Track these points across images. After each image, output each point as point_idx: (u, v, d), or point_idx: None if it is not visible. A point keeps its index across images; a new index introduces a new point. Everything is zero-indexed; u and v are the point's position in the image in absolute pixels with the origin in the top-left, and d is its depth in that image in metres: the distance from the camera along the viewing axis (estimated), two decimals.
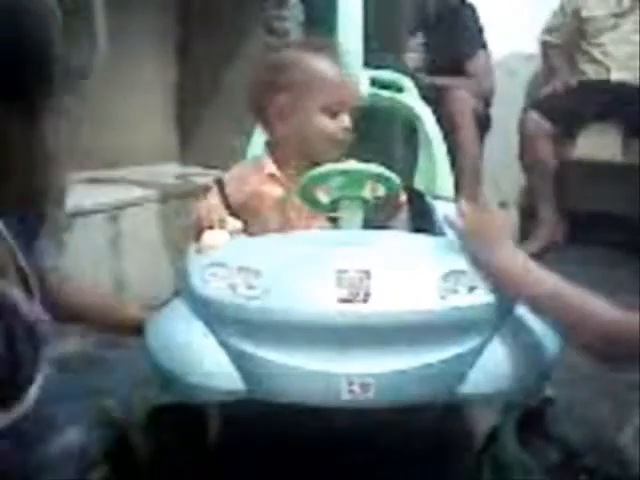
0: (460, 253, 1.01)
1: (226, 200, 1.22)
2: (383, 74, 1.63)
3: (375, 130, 1.71)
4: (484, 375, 0.95)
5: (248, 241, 1.12)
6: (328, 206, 1.14)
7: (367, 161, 1.14)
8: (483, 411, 1.14)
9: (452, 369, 0.94)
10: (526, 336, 0.99)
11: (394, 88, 1.63)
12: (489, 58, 3.02)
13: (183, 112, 2.68)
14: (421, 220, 1.35)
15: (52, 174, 0.84)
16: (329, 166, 1.12)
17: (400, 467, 1.16)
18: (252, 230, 1.19)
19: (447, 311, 0.94)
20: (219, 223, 1.14)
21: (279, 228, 1.18)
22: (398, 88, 1.63)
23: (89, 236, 1.95)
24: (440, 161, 1.53)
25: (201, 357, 0.97)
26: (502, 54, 3.13)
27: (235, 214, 1.21)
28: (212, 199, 1.24)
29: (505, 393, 0.96)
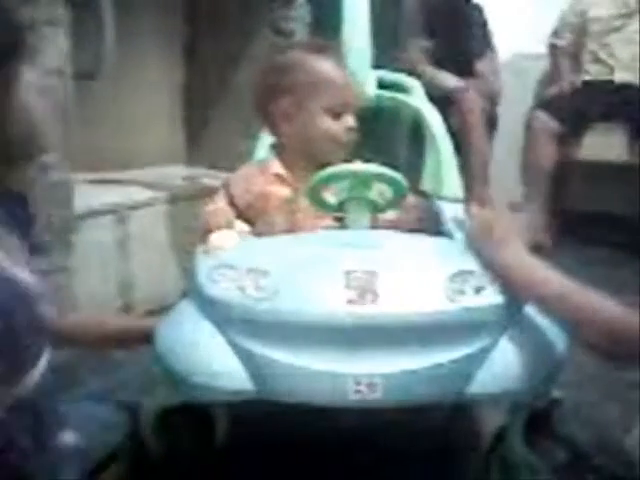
0: (467, 254, 1.01)
1: (233, 201, 1.23)
2: (390, 75, 1.63)
3: (382, 131, 1.72)
4: (492, 375, 0.95)
5: (256, 242, 1.12)
6: (335, 207, 1.15)
7: (373, 162, 1.15)
8: (490, 411, 1.14)
9: (460, 369, 0.94)
10: (534, 337, 0.98)
11: (401, 89, 1.63)
12: (496, 58, 3.02)
13: (190, 113, 2.69)
14: (428, 221, 1.35)
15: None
16: (337, 167, 1.12)
17: (407, 467, 1.16)
18: (259, 231, 1.20)
19: (454, 312, 0.94)
20: (227, 225, 1.15)
21: (286, 229, 1.19)
22: (404, 89, 1.63)
23: (97, 237, 1.96)
24: (447, 162, 1.53)
25: (209, 357, 0.97)
26: (508, 54, 3.13)
27: (242, 215, 1.22)
28: (219, 201, 1.24)
29: (513, 393, 0.96)
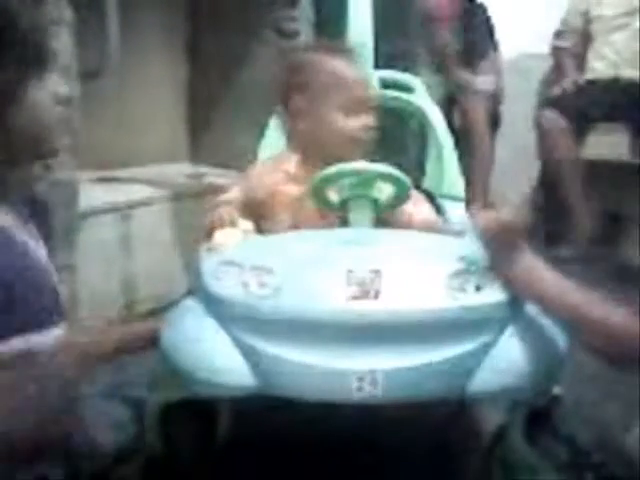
0: (468, 252, 1.02)
1: (247, 195, 1.25)
2: (393, 74, 1.64)
3: (385, 131, 1.73)
4: (493, 373, 0.96)
5: (260, 240, 1.13)
6: (339, 205, 1.15)
7: (377, 161, 1.15)
8: (491, 409, 1.14)
9: (460, 367, 0.95)
10: (535, 334, 0.99)
11: (403, 88, 1.64)
12: (499, 58, 3.03)
13: (194, 111, 2.70)
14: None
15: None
16: (339, 166, 1.13)
17: (407, 464, 1.17)
18: (266, 227, 1.21)
19: (456, 309, 0.95)
20: (230, 223, 1.16)
21: (292, 226, 1.20)
22: (407, 88, 1.64)
23: (100, 235, 1.97)
24: (449, 161, 1.54)
25: (213, 354, 0.98)
26: (513, 54, 3.14)
27: (255, 210, 1.23)
28: (235, 193, 1.27)
29: (513, 391, 0.97)
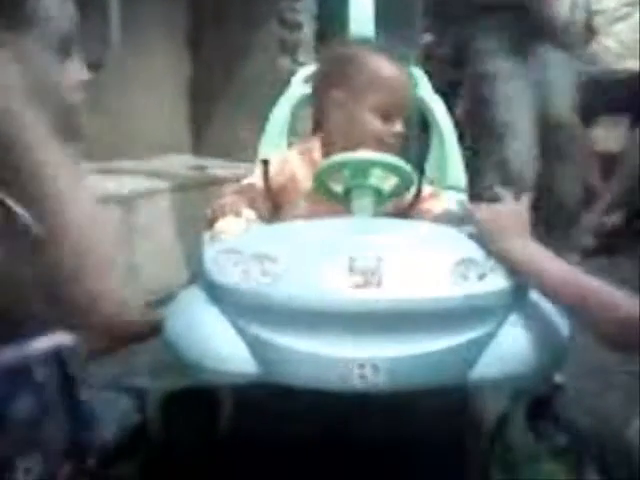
0: (472, 241, 1.02)
1: (267, 180, 1.24)
2: None
3: None
4: (495, 361, 0.96)
5: (262, 228, 1.14)
6: (342, 196, 1.16)
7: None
8: (493, 396, 1.15)
9: (464, 354, 0.96)
10: (538, 322, 1.00)
11: None
12: None
13: (196, 103, 2.70)
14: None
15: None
16: (336, 157, 1.14)
17: (410, 453, 1.17)
18: (283, 214, 1.22)
19: (458, 298, 0.95)
20: (234, 212, 1.16)
21: (307, 214, 1.19)
22: None
23: None
24: (451, 151, 1.54)
25: (215, 342, 0.99)
26: None
27: (274, 196, 1.23)
28: (255, 178, 1.26)
29: (516, 378, 0.98)
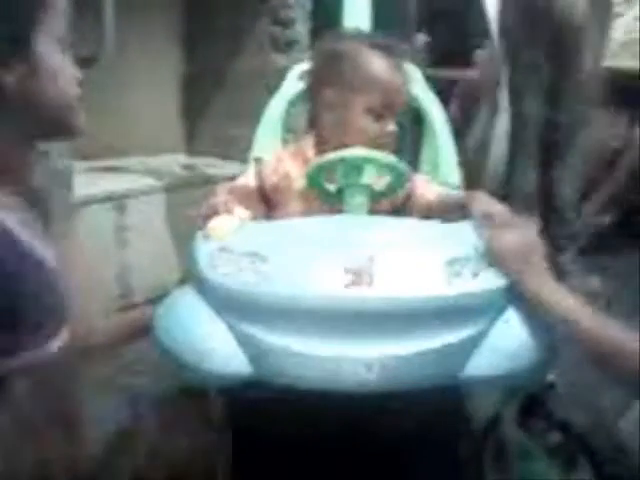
0: (465, 239, 1.02)
1: (261, 179, 1.23)
2: None
3: None
4: (488, 359, 0.96)
5: (255, 227, 1.13)
6: (335, 194, 1.15)
7: None
8: (486, 394, 1.15)
9: (457, 353, 0.95)
10: (531, 321, 0.99)
11: None
12: (495, 49, 3.02)
13: (190, 102, 2.69)
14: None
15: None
16: (329, 155, 1.13)
17: (401, 450, 1.17)
18: (277, 213, 1.21)
19: (452, 296, 0.95)
20: (227, 210, 1.15)
21: (301, 213, 1.19)
22: None
23: (95, 225, 1.96)
24: (445, 149, 1.54)
25: (208, 341, 0.98)
26: None
27: (267, 195, 1.22)
28: (249, 177, 1.25)
29: (509, 376, 0.98)
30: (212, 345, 0.98)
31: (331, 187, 1.16)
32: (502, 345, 0.97)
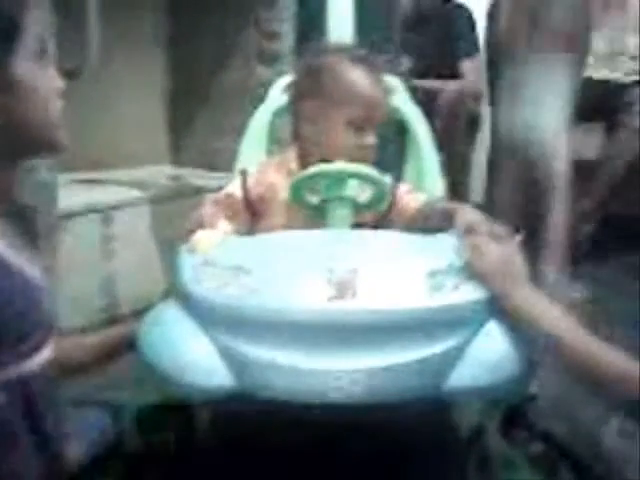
0: (446, 251, 1.03)
1: (246, 190, 1.24)
2: None
3: None
4: (471, 370, 0.97)
5: (239, 240, 1.14)
6: (318, 207, 1.16)
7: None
8: (469, 406, 1.16)
9: (439, 365, 0.96)
10: (512, 332, 1.00)
11: None
12: (480, 60, 3.05)
13: (175, 113, 2.70)
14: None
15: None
16: (312, 169, 1.14)
17: (385, 462, 1.17)
18: (262, 224, 1.21)
19: (434, 308, 0.96)
20: (210, 224, 1.16)
21: (286, 225, 1.19)
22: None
23: (81, 237, 1.96)
24: (428, 161, 1.55)
25: (192, 355, 0.99)
26: None
27: (251, 206, 1.23)
28: (234, 188, 1.25)
29: (492, 388, 0.99)
30: (195, 358, 0.98)
31: (314, 200, 1.17)
32: (484, 357, 0.98)
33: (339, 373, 0.93)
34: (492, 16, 2.65)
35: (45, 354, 0.87)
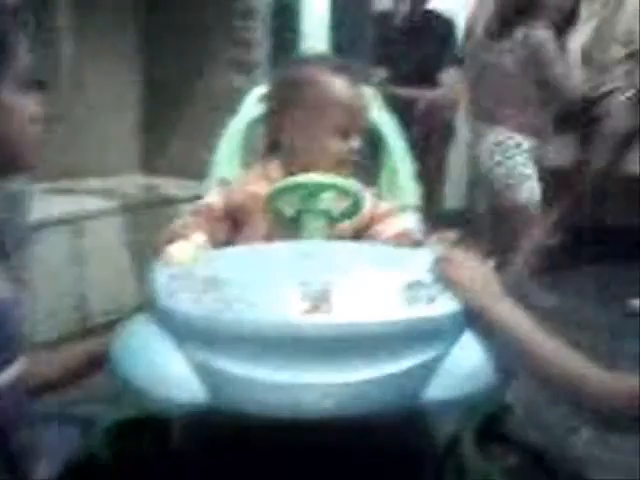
0: (422, 263, 1.03)
1: (228, 198, 1.25)
2: None
3: None
4: (446, 382, 0.97)
5: (213, 253, 1.13)
6: (293, 219, 1.16)
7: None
8: (444, 418, 1.16)
9: (415, 378, 0.96)
10: (488, 342, 1.00)
11: None
12: (458, 70, 3.07)
13: (148, 123, 2.68)
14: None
15: None
16: (286, 180, 1.14)
17: (361, 474, 1.17)
18: (243, 234, 1.22)
19: (409, 321, 0.96)
20: (184, 236, 1.15)
21: (266, 235, 1.20)
22: None
23: (52, 248, 1.93)
24: (403, 170, 1.55)
25: (165, 369, 0.97)
26: None
27: (232, 214, 1.23)
28: (215, 197, 1.26)
29: (467, 400, 0.98)
30: (169, 373, 0.97)
31: (290, 211, 1.16)
32: (461, 368, 0.98)
33: (314, 387, 0.92)
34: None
35: (14, 370, 0.86)
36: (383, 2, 3.09)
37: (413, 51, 2.98)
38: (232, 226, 1.25)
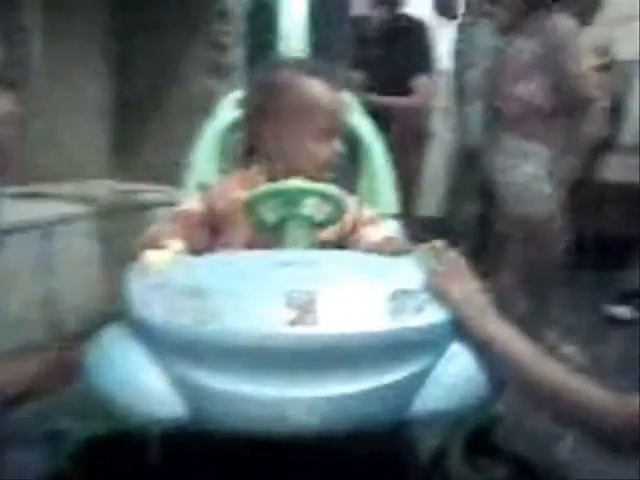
0: (408, 273, 1.01)
1: (209, 204, 1.22)
2: None
3: None
4: (434, 394, 0.95)
5: (193, 261, 1.08)
6: (275, 226, 1.13)
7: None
8: (431, 430, 1.14)
9: (402, 390, 0.93)
10: (475, 355, 0.98)
11: None
12: (433, 76, 3.07)
13: (121, 128, 2.63)
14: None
15: None
16: (266, 186, 1.12)
17: None
18: (223, 239, 1.19)
19: (395, 332, 0.93)
20: (161, 243, 1.10)
21: (246, 242, 1.17)
22: None
23: (21, 253, 1.88)
24: (382, 177, 1.53)
25: (142, 383, 0.93)
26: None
27: (213, 220, 1.21)
28: (194, 203, 1.24)
29: (455, 411, 0.96)
30: (146, 388, 0.93)
31: (272, 218, 1.13)
32: (449, 380, 0.96)
33: (298, 401, 0.89)
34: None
35: None
36: (361, 7, 3.08)
37: (388, 55, 2.97)
38: (211, 233, 1.22)
